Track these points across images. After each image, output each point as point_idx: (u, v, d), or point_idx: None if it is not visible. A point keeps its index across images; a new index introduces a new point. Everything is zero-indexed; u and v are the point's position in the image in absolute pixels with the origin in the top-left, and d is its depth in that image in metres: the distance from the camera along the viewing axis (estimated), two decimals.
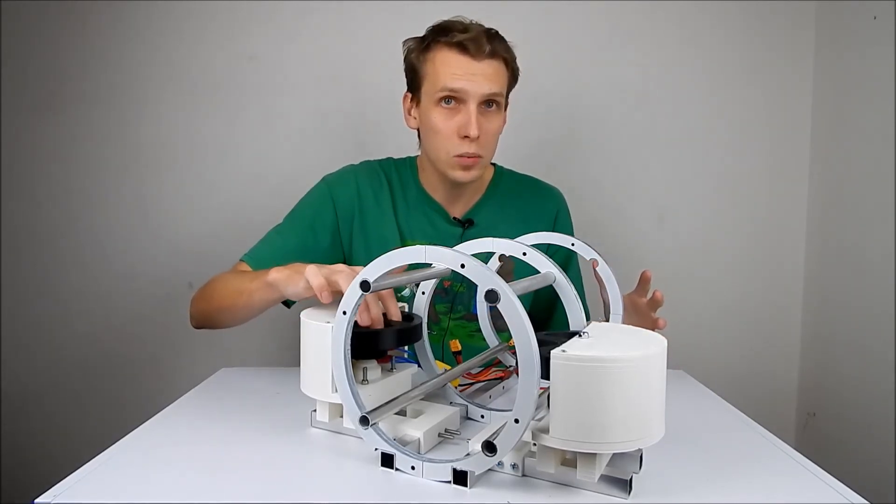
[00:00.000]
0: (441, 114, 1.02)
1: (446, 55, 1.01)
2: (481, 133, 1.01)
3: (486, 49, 0.99)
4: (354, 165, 1.16)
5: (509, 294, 0.55)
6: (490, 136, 1.04)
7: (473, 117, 0.99)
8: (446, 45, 1.01)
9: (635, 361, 0.55)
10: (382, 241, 1.09)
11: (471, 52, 0.99)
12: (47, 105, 1.47)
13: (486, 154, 1.05)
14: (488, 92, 1.00)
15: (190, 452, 0.68)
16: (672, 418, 0.61)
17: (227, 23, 1.48)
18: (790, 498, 0.59)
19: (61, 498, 0.57)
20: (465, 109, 1.00)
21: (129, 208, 1.50)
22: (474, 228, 1.12)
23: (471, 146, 1.01)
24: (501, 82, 1.03)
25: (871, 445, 1.26)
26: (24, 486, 1.50)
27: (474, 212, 1.14)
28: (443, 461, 0.61)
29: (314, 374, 0.72)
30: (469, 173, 1.04)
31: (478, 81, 0.99)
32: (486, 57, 1.00)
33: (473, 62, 0.99)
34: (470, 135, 0.99)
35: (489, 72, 1.00)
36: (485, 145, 1.03)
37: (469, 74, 0.99)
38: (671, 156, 1.52)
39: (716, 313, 1.54)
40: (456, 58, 1.00)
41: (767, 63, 1.50)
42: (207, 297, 1.03)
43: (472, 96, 1.00)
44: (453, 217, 1.13)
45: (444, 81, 1.00)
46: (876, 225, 1.26)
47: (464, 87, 0.99)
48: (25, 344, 1.51)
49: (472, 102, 1.00)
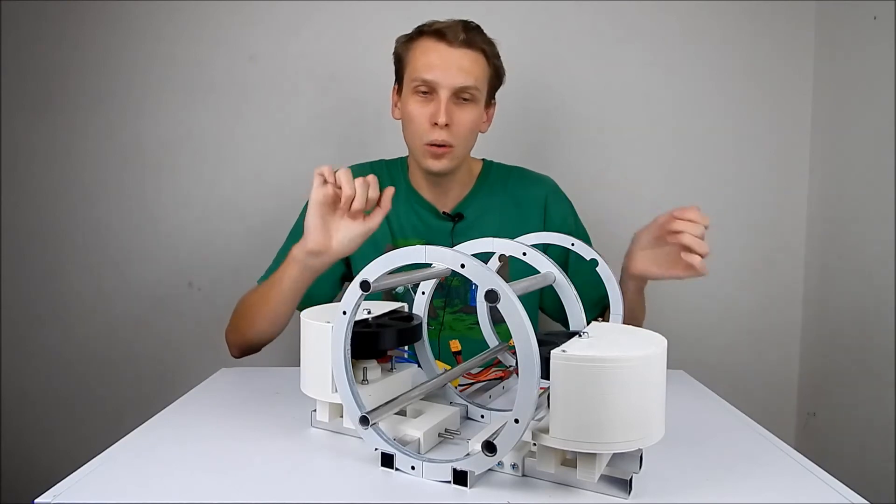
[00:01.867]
0: (416, 102, 1.05)
1: (425, 43, 1.04)
2: (453, 123, 1.03)
3: (461, 37, 1.02)
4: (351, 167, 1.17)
5: (509, 294, 0.55)
6: (463, 127, 1.05)
7: (443, 105, 1.02)
8: (426, 34, 1.05)
9: (635, 361, 0.55)
10: (372, 241, 1.09)
11: (447, 39, 1.02)
12: (47, 105, 1.47)
13: (457, 144, 1.06)
14: (461, 84, 1.02)
15: (190, 452, 0.68)
16: (672, 418, 0.61)
17: (226, 23, 1.48)
18: (790, 498, 0.59)
19: (61, 498, 0.57)
20: (437, 98, 1.02)
21: (129, 208, 1.50)
22: (464, 222, 1.12)
23: (441, 133, 1.03)
24: (477, 75, 1.04)
25: (871, 445, 1.26)
26: (24, 486, 1.50)
27: (463, 205, 1.15)
28: (443, 461, 0.61)
29: (314, 374, 0.72)
30: (439, 162, 1.06)
31: (451, 72, 1.02)
32: (461, 45, 1.02)
33: (449, 49, 1.02)
34: (438, 122, 1.01)
35: (464, 63, 1.02)
36: (457, 135, 1.04)
37: (442, 63, 1.02)
38: (671, 156, 1.52)
39: (716, 313, 1.54)
40: (433, 45, 1.03)
41: (767, 63, 1.50)
42: (239, 317, 1.06)
43: (444, 87, 1.02)
44: (442, 212, 1.13)
45: (419, 71, 1.03)
46: (876, 225, 1.26)
47: (435, 79, 1.02)
48: (25, 344, 1.51)
49: (443, 91, 1.02)
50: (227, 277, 1.50)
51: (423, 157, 1.06)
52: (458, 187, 1.14)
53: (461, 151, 1.08)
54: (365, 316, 0.75)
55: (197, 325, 1.51)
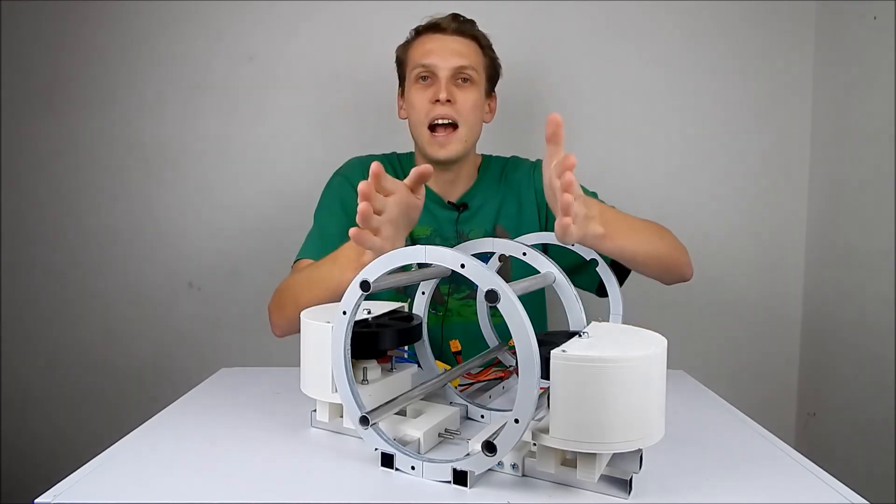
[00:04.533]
0: (418, 89, 1.10)
1: (421, 38, 1.11)
2: (455, 100, 1.07)
3: (453, 26, 1.09)
4: (360, 157, 1.20)
5: (509, 294, 0.55)
6: (465, 107, 1.09)
7: (443, 83, 1.07)
8: (422, 30, 1.12)
9: (635, 361, 0.55)
10: None
11: (441, 28, 1.10)
12: (47, 105, 1.47)
13: (462, 122, 1.09)
14: (457, 65, 1.08)
15: (190, 452, 0.68)
16: (672, 418, 0.61)
17: (226, 23, 1.48)
18: (790, 498, 0.59)
19: (61, 498, 0.57)
20: (437, 81, 1.08)
21: (129, 208, 1.50)
22: (468, 211, 1.15)
23: (443, 109, 1.07)
24: (472, 58, 1.10)
25: (871, 445, 1.26)
26: (24, 486, 1.50)
27: (468, 196, 1.17)
28: (443, 461, 0.61)
29: (314, 374, 0.72)
30: (445, 149, 1.08)
31: (445, 55, 1.08)
32: (454, 33, 1.09)
33: (443, 37, 1.09)
34: (440, 98, 1.06)
35: (459, 47, 1.09)
36: (461, 113, 1.08)
37: (438, 48, 1.08)
38: (671, 156, 1.52)
39: (716, 313, 1.54)
40: (428, 36, 1.10)
41: (767, 63, 1.50)
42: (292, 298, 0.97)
43: (442, 68, 1.07)
44: (448, 202, 1.16)
45: (417, 59, 1.10)
46: (876, 225, 1.26)
47: (433, 62, 1.08)
48: (25, 344, 1.51)
49: (442, 73, 1.07)
50: (227, 277, 1.50)
51: (428, 146, 1.09)
52: (463, 179, 1.17)
53: (466, 133, 1.10)
54: (365, 316, 0.75)
55: (197, 325, 1.52)
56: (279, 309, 1.03)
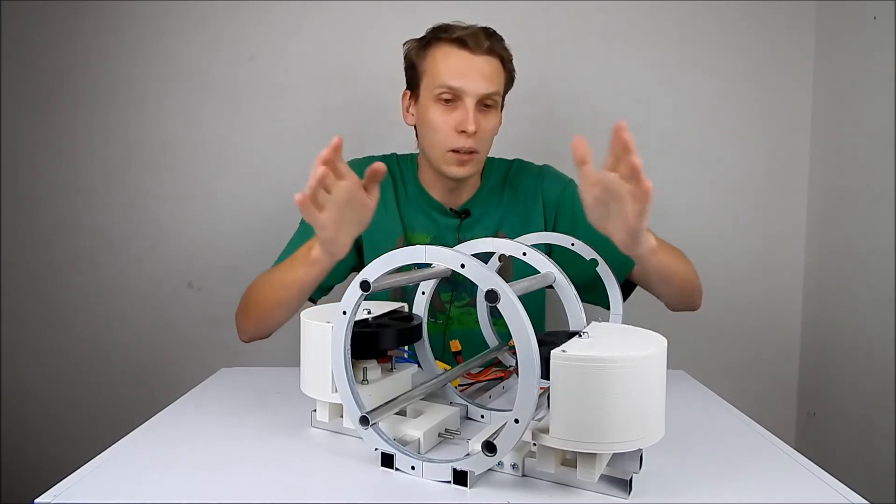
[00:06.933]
0: (439, 110, 1.03)
1: (446, 51, 1.02)
2: (479, 129, 1.02)
3: (485, 45, 1.01)
4: (358, 159, 1.17)
5: (509, 294, 0.55)
6: (486, 134, 1.06)
7: (471, 113, 1.01)
8: (446, 41, 1.03)
9: (635, 361, 0.55)
10: (387, 232, 1.10)
11: (469, 47, 1.01)
12: (47, 105, 1.47)
13: (481, 150, 1.06)
14: (485, 91, 1.01)
15: (190, 452, 0.68)
16: (672, 418, 0.61)
17: (226, 23, 1.48)
18: (790, 498, 0.59)
19: (61, 498, 0.57)
20: (463, 106, 1.01)
21: (130, 208, 1.50)
22: (471, 218, 1.14)
23: (467, 141, 1.02)
24: (498, 82, 1.04)
25: (871, 445, 1.26)
26: (24, 486, 1.50)
27: (470, 203, 1.15)
28: (443, 461, 0.61)
29: (314, 374, 0.72)
30: (464, 169, 1.06)
31: (475, 79, 1.01)
32: (483, 53, 1.01)
33: (472, 57, 1.01)
34: (468, 130, 1.01)
35: (487, 70, 1.02)
36: (481, 141, 1.05)
37: (467, 70, 1.01)
38: (671, 156, 1.52)
39: (716, 313, 1.54)
40: (455, 53, 1.02)
41: (767, 63, 1.50)
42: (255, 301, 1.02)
43: (470, 94, 1.01)
44: (450, 209, 1.14)
45: (442, 78, 1.02)
46: (876, 225, 1.26)
47: (462, 86, 1.01)
48: (25, 344, 1.51)
49: (469, 99, 1.01)
50: (227, 277, 1.50)
51: (445, 164, 1.05)
52: (467, 186, 1.15)
53: (483, 157, 1.09)
54: (365, 316, 0.75)
55: (197, 325, 1.51)
56: (243, 312, 1.04)
